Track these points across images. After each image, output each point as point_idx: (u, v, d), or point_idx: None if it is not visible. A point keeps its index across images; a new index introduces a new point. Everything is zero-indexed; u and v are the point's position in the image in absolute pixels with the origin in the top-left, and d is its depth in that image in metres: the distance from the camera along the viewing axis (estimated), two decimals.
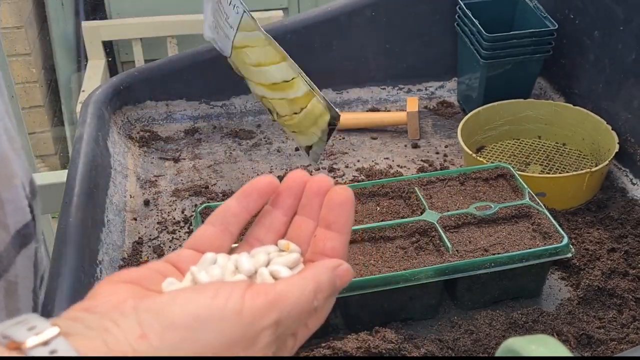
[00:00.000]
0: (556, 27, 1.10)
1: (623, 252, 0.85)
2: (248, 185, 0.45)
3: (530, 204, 0.83)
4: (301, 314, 0.39)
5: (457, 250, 0.77)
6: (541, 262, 0.78)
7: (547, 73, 1.21)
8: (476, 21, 1.10)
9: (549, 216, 0.81)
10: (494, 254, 0.76)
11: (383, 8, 1.20)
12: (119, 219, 0.96)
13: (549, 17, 1.12)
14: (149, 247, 0.93)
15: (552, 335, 0.75)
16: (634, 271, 0.83)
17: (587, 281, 0.81)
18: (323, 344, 0.72)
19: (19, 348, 0.33)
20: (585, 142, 1.06)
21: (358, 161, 1.10)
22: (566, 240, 0.78)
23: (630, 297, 0.79)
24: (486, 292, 0.80)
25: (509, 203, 0.83)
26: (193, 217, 0.96)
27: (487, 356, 0.73)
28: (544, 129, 1.10)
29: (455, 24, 1.19)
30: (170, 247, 0.93)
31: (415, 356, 0.71)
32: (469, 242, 0.79)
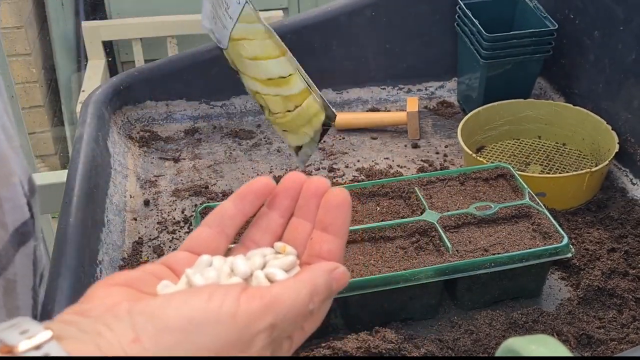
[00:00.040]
0: (556, 27, 1.10)
1: (623, 252, 0.85)
2: (244, 187, 0.45)
3: (530, 204, 0.83)
4: (297, 317, 0.39)
5: (457, 250, 0.77)
6: (541, 262, 0.78)
7: (547, 73, 1.21)
8: (476, 21, 1.10)
9: (549, 216, 0.81)
10: (494, 254, 0.76)
11: (383, 8, 1.20)
12: (119, 219, 0.96)
13: (549, 17, 1.12)
14: (149, 247, 0.93)
15: (552, 335, 0.75)
16: (634, 271, 0.83)
17: (587, 281, 0.81)
18: (323, 344, 0.72)
19: (11, 352, 0.33)
20: (585, 142, 1.06)
21: (358, 161, 1.10)
22: (566, 240, 0.78)
23: (630, 297, 0.79)
24: (486, 292, 0.80)
25: (509, 203, 0.83)
26: (193, 217, 0.96)
27: (487, 356, 0.73)
28: (544, 129, 1.10)
29: (455, 24, 1.19)
30: (170, 247, 0.93)
31: (415, 356, 0.71)
32: (469, 242, 0.79)
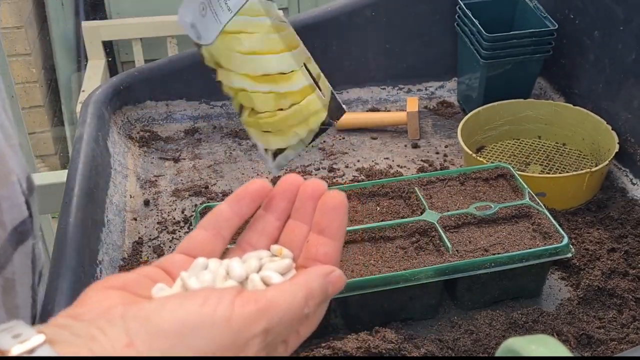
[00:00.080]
0: (556, 27, 1.10)
1: (623, 252, 0.85)
2: (240, 189, 0.45)
3: (530, 204, 0.83)
4: (292, 322, 0.39)
5: (457, 250, 0.77)
6: (541, 262, 0.78)
7: (547, 73, 1.21)
8: (476, 21, 1.10)
9: (549, 216, 0.81)
10: (494, 254, 0.76)
11: (383, 8, 1.20)
12: (119, 219, 0.96)
13: (549, 17, 1.12)
14: (149, 247, 0.93)
15: (552, 335, 0.75)
16: (634, 271, 0.83)
17: (587, 281, 0.81)
18: (323, 344, 0.72)
19: (4, 356, 0.33)
20: (585, 142, 1.06)
21: (358, 161, 1.10)
22: (566, 240, 0.78)
23: (630, 297, 0.79)
24: (486, 292, 0.80)
25: (509, 203, 0.83)
26: (193, 217, 0.96)
27: (487, 356, 0.73)
28: (544, 129, 1.10)
29: (455, 24, 1.19)
30: (170, 247, 0.93)
31: (415, 356, 0.71)
32: (469, 242, 0.79)
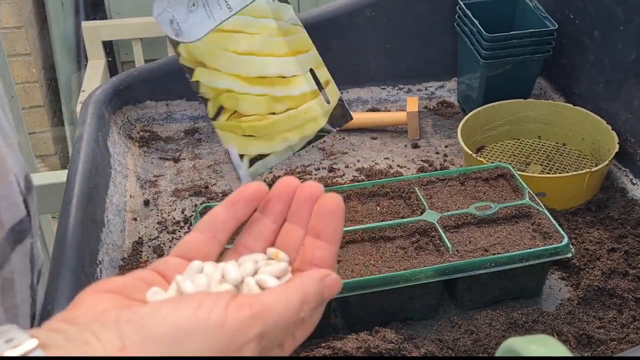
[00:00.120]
0: (556, 27, 1.10)
1: (623, 252, 0.85)
2: (236, 192, 0.45)
3: (530, 204, 0.83)
4: (287, 326, 0.39)
5: (457, 250, 0.77)
6: (541, 262, 0.78)
7: (547, 73, 1.21)
8: (476, 21, 1.10)
9: (549, 216, 0.81)
10: (494, 254, 0.76)
11: (383, 8, 1.20)
12: (119, 219, 0.96)
13: (549, 17, 1.12)
14: (149, 247, 0.93)
15: (552, 335, 0.75)
16: (634, 271, 0.83)
17: (587, 281, 0.81)
18: (323, 344, 0.72)
19: None
20: (585, 142, 1.06)
21: (358, 161, 1.10)
22: (566, 240, 0.78)
23: (630, 297, 0.79)
24: (486, 292, 0.80)
25: (509, 203, 0.83)
26: (193, 217, 0.96)
27: (487, 356, 0.73)
28: (544, 129, 1.10)
29: (455, 24, 1.19)
30: (170, 247, 0.93)
31: (415, 356, 0.71)
32: (469, 242, 0.79)
